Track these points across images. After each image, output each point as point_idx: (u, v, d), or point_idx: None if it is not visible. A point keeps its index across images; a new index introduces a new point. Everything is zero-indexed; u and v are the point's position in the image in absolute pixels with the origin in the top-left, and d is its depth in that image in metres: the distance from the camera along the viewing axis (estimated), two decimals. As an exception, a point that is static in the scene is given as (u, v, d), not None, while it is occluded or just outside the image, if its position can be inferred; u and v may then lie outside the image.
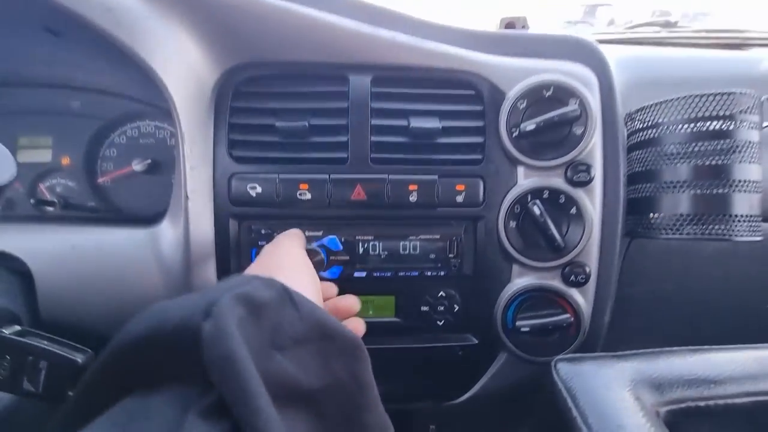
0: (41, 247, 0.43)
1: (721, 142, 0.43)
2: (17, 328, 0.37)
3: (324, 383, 0.24)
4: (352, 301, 0.41)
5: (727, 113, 0.42)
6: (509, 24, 0.74)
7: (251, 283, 0.25)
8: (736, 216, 0.43)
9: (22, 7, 0.40)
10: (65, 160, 0.57)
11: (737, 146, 0.42)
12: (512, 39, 0.50)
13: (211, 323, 0.21)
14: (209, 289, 0.25)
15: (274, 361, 0.23)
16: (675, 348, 0.35)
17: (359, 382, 0.26)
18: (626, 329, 0.55)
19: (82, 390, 0.24)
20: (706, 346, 0.36)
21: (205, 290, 0.25)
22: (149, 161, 0.56)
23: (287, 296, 0.26)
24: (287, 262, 0.35)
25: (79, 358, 0.36)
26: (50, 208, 0.53)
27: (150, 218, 0.49)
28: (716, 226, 0.43)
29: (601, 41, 0.83)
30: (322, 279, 0.47)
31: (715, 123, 0.43)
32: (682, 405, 0.31)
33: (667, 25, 0.92)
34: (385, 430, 0.26)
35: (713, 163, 0.43)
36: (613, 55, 0.58)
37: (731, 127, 0.43)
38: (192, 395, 0.21)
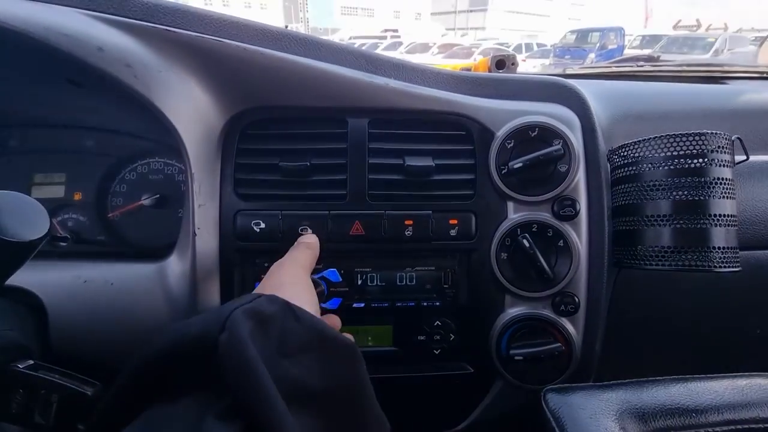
0: (55, 282, 0.45)
1: (697, 179, 0.46)
2: (30, 362, 0.39)
3: (326, 384, 0.27)
4: (333, 321, 0.45)
5: (701, 152, 0.45)
6: (499, 61, 0.79)
7: (257, 299, 0.29)
8: (714, 248, 0.45)
9: (50, 61, 0.43)
10: (77, 196, 0.59)
11: (712, 182, 0.45)
12: (499, 82, 0.54)
13: (227, 335, 0.24)
14: (221, 306, 0.28)
15: (281, 366, 0.26)
16: (659, 378, 0.37)
17: (357, 381, 0.29)
18: (619, 356, 0.57)
19: (107, 405, 0.27)
20: (688, 376, 0.37)
21: (217, 308, 0.29)
22: (158, 196, 0.58)
23: (289, 310, 0.29)
24: (288, 280, 0.38)
25: (89, 390, 0.37)
26: (63, 243, 0.55)
27: (157, 250, 0.51)
28: (697, 258, 0.45)
29: (589, 75, 0.88)
30: (324, 311, 0.49)
31: (690, 161, 0.46)
32: (665, 434, 0.32)
33: (650, 59, 0.98)
34: (383, 425, 0.30)
35: (691, 198, 0.46)
36: (598, 89, 0.62)
37: (705, 165, 0.45)
38: (209, 400, 0.24)
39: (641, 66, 0.99)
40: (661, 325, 0.58)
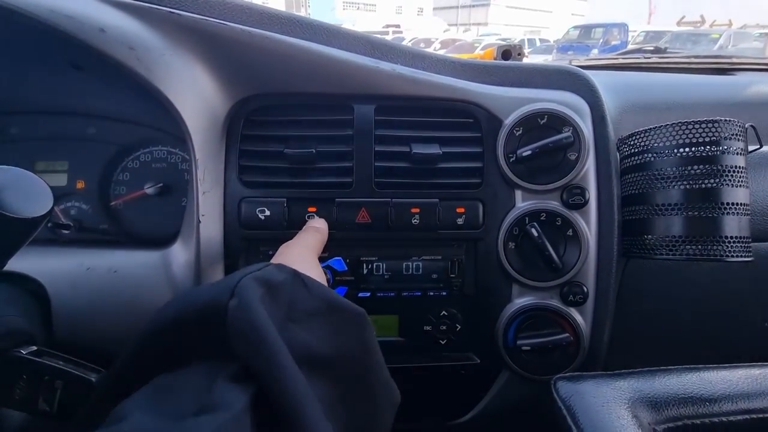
0: (58, 269, 0.45)
1: (709, 167, 0.45)
2: (34, 348, 0.38)
3: (335, 350, 0.27)
4: None
5: (713, 139, 0.45)
6: (506, 52, 0.78)
7: (266, 268, 0.29)
8: (726, 237, 0.44)
9: (53, 44, 0.42)
10: (80, 184, 0.59)
11: (724, 171, 0.44)
12: (508, 69, 0.53)
13: (236, 300, 0.24)
14: (230, 275, 0.28)
15: (291, 330, 0.26)
16: (672, 367, 0.37)
17: (366, 347, 0.29)
18: (627, 347, 0.56)
19: (115, 373, 0.27)
20: (701, 365, 0.37)
21: (226, 276, 0.28)
22: (161, 185, 0.58)
23: (298, 278, 0.30)
24: (297, 258, 0.38)
25: (93, 377, 0.37)
26: (66, 231, 0.55)
27: (160, 240, 0.50)
28: (708, 248, 0.45)
29: (596, 66, 0.87)
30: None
31: (702, 149, 0.45)
32: (679, 423, 0.32)
33: (658, 51, 0.96)
34: (392, 392, 0.30)
35: (702, 186, 0.45)
36: (606, 80, 0.61)
37: (717, 153, 0.45)
38: (219, 365, 0.24)
39: (648, 58, 0.98)
40: (669, 317, 0.58)
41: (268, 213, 0.47)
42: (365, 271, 0.50)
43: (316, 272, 0.37)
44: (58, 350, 0.39)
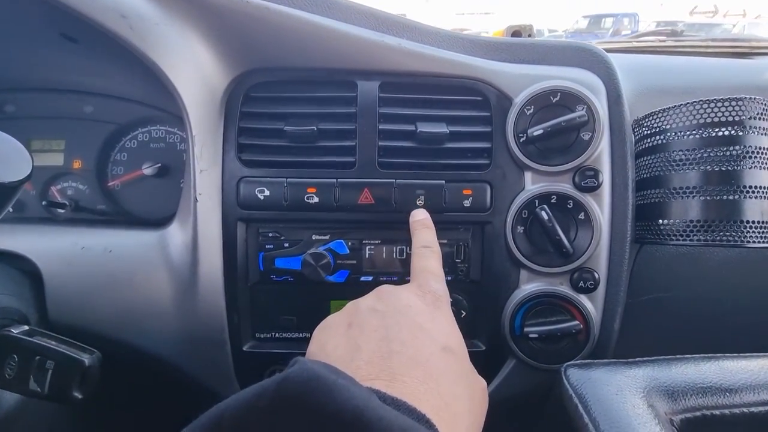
0: (51, 248, 0.44)
1: (731, 148, 0.42)
2: (25, 328, 0.37)
3: None
4: None
5: (737, 119, 0.42)
6: (515, 32, 0.75)
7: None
8: (747, 222, 0.42)
9: (38, 12, 0.41)
10: (77, 164, 0.58)
11: (747, 152, 0.42)
12: (519, 46, 0.51)
13: None
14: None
15: None
16: (688, 356, 0.35)
17: None
18: (636, 337, 0.54)
19: None
20: (719, 354, 0.35)
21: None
22: (159, 165, 0.56)
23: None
24: (440, 362, 0.28)
25: (86, 358, 0.36)
26: (61, 211, 0.54)
27: (158, 221, 0.49)
28: (727, 233, 0.42)
29: (608, 50, 0.83)
30: (327, 283, 0.47)
31: (724, 129, 0.43)
32: (697, 413, 0.30)
33: (673, 34, 0.93)
34: None
35: (723, 169, 0.43)
36: (620, 63, 0.58)
37: (741, 133, 0.42)
38: None
39: (663, 41, 0.94)
40: (682, 306, 0.56)
41: (267, 193, 0.46)
42: (368, 255, 0.48)
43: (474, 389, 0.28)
44: (53, 331, 0.38)
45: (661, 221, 0.46)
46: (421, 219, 0.44)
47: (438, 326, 0.30)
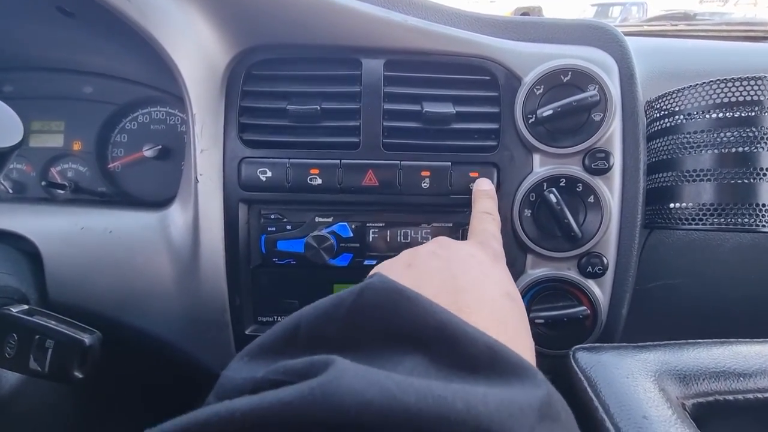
0: (51, 228, 0.43)
1: (748, 129, 0.41)
2: (25, 307, 0.37)
3: None
4: None
5: (755, 99, 0.41)
6: (524, 13, 0.73)
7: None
8: (762, 206, 0.41)
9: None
10: (77, 145, 0.57)
11: (765, 134, 0.41)
12: (528, 24, 0.49)
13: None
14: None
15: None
16: (700, 340, 0.34)
17: None
18: (642, 324, 0.54)
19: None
20: (733, 339, 0.34)
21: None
22: (160, 147, 0.56)
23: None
24: (496, 294, 0.27)
25: (86, 338, 0.36)
26: (61, 191, 0.53)
27: (159, 204, 0.48)
28: (741, 217, 0.41)
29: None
30: (330, 266, 0.46)
31: (741, 109, 0.41)
32: (710, 398, 0.29)
33: (686, 17, 0.90)
34: None
35: (739, 151, 0.41)
36: (633, 46, 0.57)
37: (759, 114, 0.41)
38: None
39: (675, 25, 0.92)
40: (691, 293, 0.55)
41: (269, 174, 0.45)
42: (371, 238, 0.47)
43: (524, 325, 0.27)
44: (53, 311, 0.38)
45: (672, 205, 0.44)
46: (485, 189, 0.44)
47: (500, 275, 0.30)
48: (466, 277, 0.27)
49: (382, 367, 0.16)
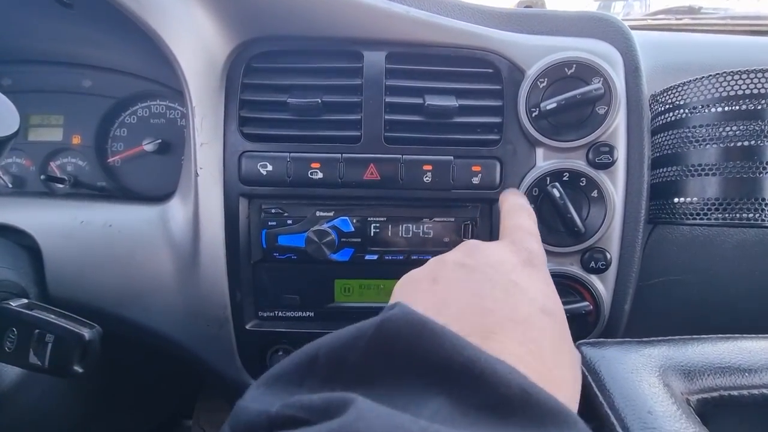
0: (50, 222, 0.43)
1: (753, 123, 0.40)
2: (24, 301, 0.37)
3: None
4: None
5: (762, 91, 0.40)
6: (527, 6, 0.72)
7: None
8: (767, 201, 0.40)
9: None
10: (76, 139, 0.56)
11: (771, 127, 0.40)
12: (532, 16, 0.48)
13: None
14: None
15: None
16: (705, 335, 0.33)
17: None
18: (645, 320, 0.53)
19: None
20: (737, 335, 0.34)
21: None
22: (159, 141, 0.55)
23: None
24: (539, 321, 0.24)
25: (86, 332, 0.35)
26: (60, 186, 0.53)
27: (159, 198, 0.48)
28: (746, 212, 0.41)
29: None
30: (331, 261, 0.46)
31: (746, 102, 0.41)
32: (715, 394, 0.29)
33: (691, 11, 0.89)
34: None
35: (744, 145, 0.41)
36: (637, 40, 0.56)
37: (764, 107, 0.40)
38: None
39: (680, 19, 0.91)
40: (695, 289, 0.54)
41: (270, 168, 0.44)
42: (373, 233, 0.47)
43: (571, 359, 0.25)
44: (53, 305, 0.38)
45: (677, 200, 0.44)
46: (514, 193, 0.42)
47: (535, 285, 0.27)
48: (495, 293, 0.25)
49: (404, 409, 0.15)
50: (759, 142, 0.41)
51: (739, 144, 0.41)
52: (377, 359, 0.18)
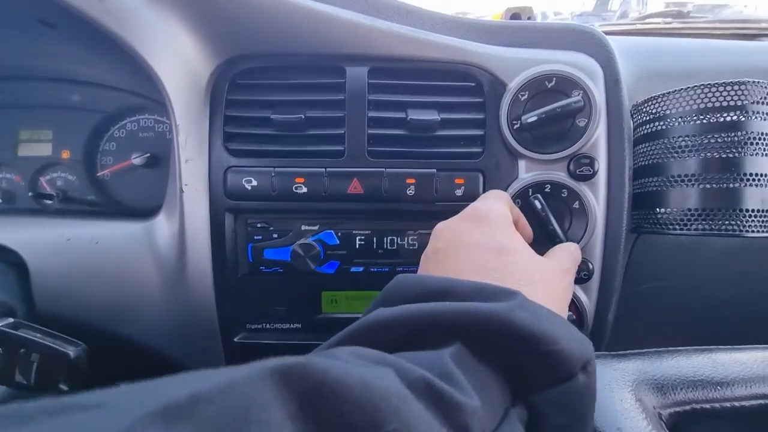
0: (37, 239, 0.43)
1: (732, 134, 0.41)
2: (10, 320, 0.37)
3: None
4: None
5: (739, 104, 0.41)
6: (514, 15, 0.73)
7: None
8: (747, 211, 0.41)
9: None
10: (65, 154, 0.57)
11: (749, 138, 0.40)
12: (513, 29, 0.49)
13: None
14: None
15: None
16: (680, 348, 0.34)
17: None
18: (631, 328, 0.54)
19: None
20: (712, 347, 0.34)
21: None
22: (148, 155, 0.55)
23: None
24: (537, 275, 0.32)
25: (71, 351, 0.36)
26: (49, 201, 0.53)
27: (149, 212, 0.48)
28: (727, 222, 0.41)
29: (611, 32, 0.81)
30: (317, 273, 0.46)
31: (726, 114, 0.41)
32: (687, 407, 0.29)
33: (680, 15, 0.90)
34: None
35: (724, 156, 0.41)
36: (622, 46, 0.56)
37: (743, 119, 0.41)
38: None
39: (669, 23, 0.91)
40: (680, 296, 0.55)
41: (255, 183, 0.45)
42: (358, 246, 0.47)
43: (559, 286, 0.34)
44: (41, 323, 0.38)
45: (659, 210, 0.44)
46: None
47: (487, 236, 0.33)
48: (458, 258, 0.33)
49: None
50: (738, 152, 0.41)
51: (719, 155, 0.41)
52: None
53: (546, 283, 0.31)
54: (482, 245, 0.32)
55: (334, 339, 0.25)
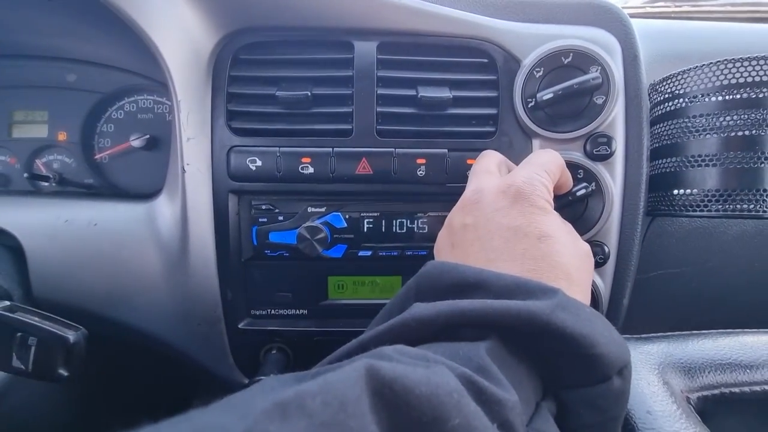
0: (33, 221, 0.42)
1: (754, 111, 0.39)
2: (7, 303, 0.35)
3: None
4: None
5: (762, 80, 0.39)
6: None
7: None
8: (768, 192, 0.39)
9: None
10: (62, 136, 0.55)
11: (773, 116, 0.39)
12: (528, 4, 0.47)
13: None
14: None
15: None
16: (705, 331, 0.33)
17: None
18: (643, 315, 0.53)
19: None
20: (739, 329, 0.33)
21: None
22: (147, 137, 0.54)
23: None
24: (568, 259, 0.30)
25: (71, 335, 0.34)
26: (45, 183, 0.51)
27: (148, 195, 0.47)
28: (746, 203, 0.40)
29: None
30: (324, 258, 0.45)
31: (747, 91, 0.40)
32: (716, 391, 0.28)
33: (690, -1, 0.88)
34: None
35: (745, 134, 0.40)
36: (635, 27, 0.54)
37: (765, 95, 0.39)
38: None
39: (679, 6, 0.89)
40: (694, 282, 0.54)
41: (259, 163, 0.43)
42: (366, 229, 0.46)
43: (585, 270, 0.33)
44: (38, 307, 0.37)
45: (676, 191, 0.43)
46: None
47: (526, 218, 0.31)
48: (493, 244, 0.31)
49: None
50: (759, 131, 0.39)
51: (740, 134, 0.40)
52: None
53: (579, 273, 0.30)
54: (521, 231, 0.30)
55: (371, 335, 0.25)
